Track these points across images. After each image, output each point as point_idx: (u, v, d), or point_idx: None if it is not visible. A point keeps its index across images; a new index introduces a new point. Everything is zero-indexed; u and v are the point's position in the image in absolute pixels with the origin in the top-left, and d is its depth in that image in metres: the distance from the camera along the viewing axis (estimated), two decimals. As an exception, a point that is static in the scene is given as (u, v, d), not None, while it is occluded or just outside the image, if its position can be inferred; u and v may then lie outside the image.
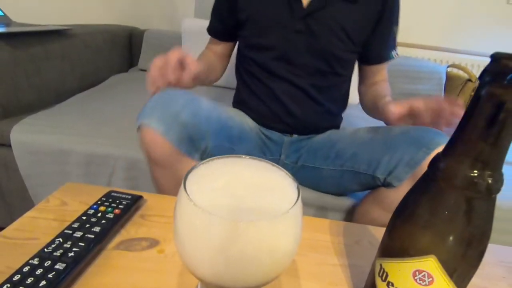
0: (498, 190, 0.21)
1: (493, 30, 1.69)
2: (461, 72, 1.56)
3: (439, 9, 1.69)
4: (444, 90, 1.53)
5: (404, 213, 0.24)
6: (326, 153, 0.69)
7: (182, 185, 0.21)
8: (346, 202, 0.76)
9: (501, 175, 0.21)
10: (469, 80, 1.46)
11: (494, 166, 0.20)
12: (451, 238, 0.21)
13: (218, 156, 0.26)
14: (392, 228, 0.25)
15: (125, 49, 1.54)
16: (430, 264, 0.22)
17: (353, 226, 0.43)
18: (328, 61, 0.68)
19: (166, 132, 0.52)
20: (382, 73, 0.76)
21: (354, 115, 1.17)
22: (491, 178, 0.20)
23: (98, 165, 0.87)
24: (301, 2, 0.65)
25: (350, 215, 0.76)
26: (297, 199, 0.21)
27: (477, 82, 1.23)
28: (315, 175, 0.72)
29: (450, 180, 0.21)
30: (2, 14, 1.09)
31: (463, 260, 0.22)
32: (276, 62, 0.68)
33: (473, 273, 0.23)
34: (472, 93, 1.39)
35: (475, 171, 0.20)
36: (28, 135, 0.86)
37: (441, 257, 0.22)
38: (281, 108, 0.71)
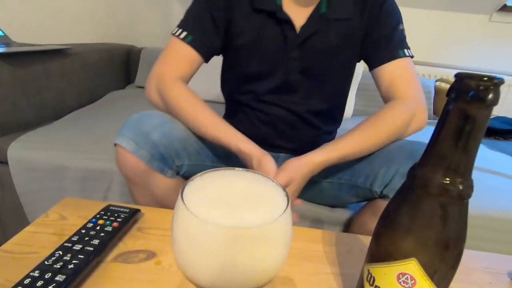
0: (469, 195, 0.23)
1: (477, 45, 1.76)
2: (448, 86, 1.61)
3: (425, 26, 1.76)
4: (433, 103, 1.58)
5: (387, 220, 0.26)
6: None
7: (180, 196, 0.23)
8: (341, 214, 0.77)
9: (471, 181, 0.23)
10: (457, 93, 1.50)
11: (464, 173, 0.22)
12: (429, 241, 0.23)
13: (214, 169, 0.27)
14: (377, 234, 0.27)
15: (122, 67, 1.58)
16: (412, 267, 0.24)
17: (345, 236, 0.45)
18: (325, 83, 0.67)
19: (135, 150, 0.55)
20: (397, 73, 0.63)
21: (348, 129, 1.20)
22: (462, 185, 0.22)
23: (94, 180, 0.88)
24: (294, 29, 0.62)
25: (345, 227, 0.77)
26: (287, 207, 0.23)
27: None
28: (311, 188, 0.72)
29: (425, 188, 0.23)
30: (3, 34, 1.12)
31: (442, 262, 0.23)
32: (272, 91, 0.67)
33: (453, 274, 0.24)
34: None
35: (447, 179, 0.22)
36: (25, 152, 0.86)
37: (422, 259, 0.23)
38: (275, 134, 0.71)
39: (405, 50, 0.63)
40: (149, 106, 0.65)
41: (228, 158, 0.67)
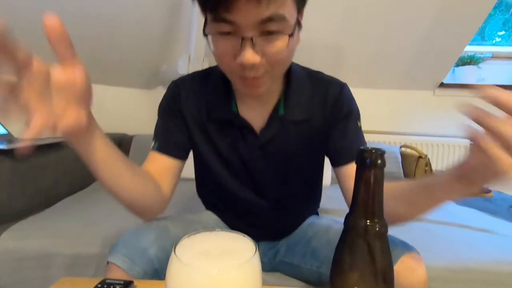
0: (386, 231, 0.31)
1: (427, 115, 2.05)
2: (413, 151, 1.80)
3: (385, 103, 2.06)
4: (402, 166, 1.73)
5: (335, 260, 0.33)
6: (303, 249, 0.67)
7: (173, 251, 0.30)
8: None
9: (384, 221, 0.31)
10: (420, 157, 1.68)
11: (378, 215, 0.31)
12: (363, 272, 0.30)
13: (199, 231, 0.35)
14: (331, 274, 0.33)
15: (114, 153, 1.69)
16: (356, 295, 0.30)
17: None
18: (292, 178, 0.66)
19: (130, 268, 0.52)
20: None
21: (333, 197, 1.27)
22: (378, 224, 0.31)
23: (81, 266, 0.88)
24: (253, 132, 0.61)
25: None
26: (255, 252, 0.30)
27: (427, 158, 1.45)
28: (295, 271, 0.70)
29: (355, 230, 0.31)
30: (6, 132, 1.23)
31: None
32: (240, 188, 0.66)
33: (389, 300, 0.31)
34: (426, 168, 1.57)
35: (368, 221, 0.31)
36: (15, 241, 0.88)
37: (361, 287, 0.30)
38: (253, 229, 0.63)
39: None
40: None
41: None
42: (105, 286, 0.44)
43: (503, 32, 2.21)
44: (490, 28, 2.21)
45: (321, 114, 0.62)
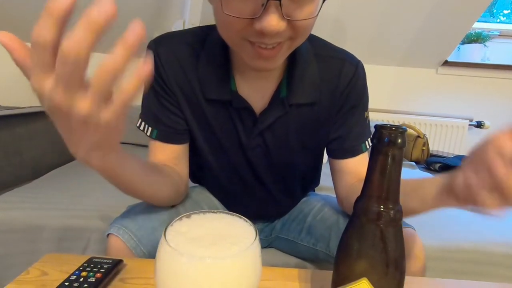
0: (400, 218, 0.28)
1: (428, 94, 2.00)
2: (411, 130, 1.77)
3: (385, 79, 2.00)
4: (399, 146, 1.72)
5: (341, 247, 0.30)
6: (299, 226, 0.67)
7: (163, 235, 0.26)
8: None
9: (400, 206, 0.28)
10: (418, 136, 1.66)
11: (393, 201, 0.28)
12: (374, 260, 0.28)
13: (195, 211, 0.31)
14: (336, 261, 0.31)
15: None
16: (364, 286, 0.28)
17: (319, 273, 0.47)
18: (292, 163, 0.62)
19: (135, 247, 0.50)
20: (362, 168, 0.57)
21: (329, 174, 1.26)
22: (393, 210, 0.28)
23: (71, 240, 0.86)
24: (253, 115, 0.54)
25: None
26: (255, 239, 0.27)
27: (425, 138, 1.41)
28: (290, 247, 0.70)
29: (366, 215, 0.28)
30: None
31: (387, 278, 0.28)
32: (238, 173, 0.62)
33: (400, 291, 0.28)
34: (423, 148, 1.55)
35: (382, 206, 0.28)
36: (0, 213, 0.85)
37: (371, 278, 0.27)
38: (250, 211, 0.59)
39: (366, 143, 0.59)
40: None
41: None
42: (92, 265, 0.42)
43: (508, 11, 2.12)
44: (499, 4, 2.12)
45: (330, 98, 0.56)
